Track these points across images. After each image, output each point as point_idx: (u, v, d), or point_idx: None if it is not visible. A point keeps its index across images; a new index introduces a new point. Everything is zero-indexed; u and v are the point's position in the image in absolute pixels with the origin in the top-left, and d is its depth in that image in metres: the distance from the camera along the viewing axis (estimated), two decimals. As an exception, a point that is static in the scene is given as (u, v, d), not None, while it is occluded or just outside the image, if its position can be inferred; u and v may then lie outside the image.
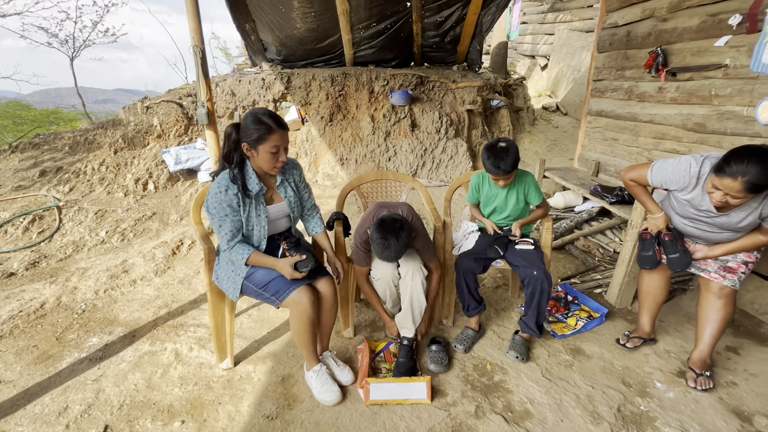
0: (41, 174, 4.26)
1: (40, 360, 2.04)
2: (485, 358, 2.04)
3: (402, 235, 1.68)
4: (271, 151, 1.60)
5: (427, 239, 1.96)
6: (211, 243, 1.85)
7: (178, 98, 4.97)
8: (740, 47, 2.42)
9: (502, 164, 1.89)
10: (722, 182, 1.49)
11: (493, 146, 1.93)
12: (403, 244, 1.69)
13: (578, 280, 2.77)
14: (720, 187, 1.51)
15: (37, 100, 18.62)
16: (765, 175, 1.41)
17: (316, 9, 4.53)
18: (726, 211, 1.66)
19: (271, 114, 1.62)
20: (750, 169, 1.42)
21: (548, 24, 8.19)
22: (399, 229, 1.69)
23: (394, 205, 1.96)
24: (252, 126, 1.58)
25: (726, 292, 1.81)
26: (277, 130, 1.60)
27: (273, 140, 1.59)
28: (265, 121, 1.59)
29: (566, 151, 5.59)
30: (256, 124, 1.58)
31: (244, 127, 1.60)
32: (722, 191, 1.51)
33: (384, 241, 1.68)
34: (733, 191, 1.48)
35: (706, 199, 1.66)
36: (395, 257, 1.74)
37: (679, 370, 1.96)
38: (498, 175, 1.94)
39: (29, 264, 3.02)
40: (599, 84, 3.79)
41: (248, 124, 1.59)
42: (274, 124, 1.59)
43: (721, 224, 1.71)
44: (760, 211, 1.62)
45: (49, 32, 8.20)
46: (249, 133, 1.59)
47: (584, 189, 3.39)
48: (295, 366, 1.97)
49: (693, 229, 1.83)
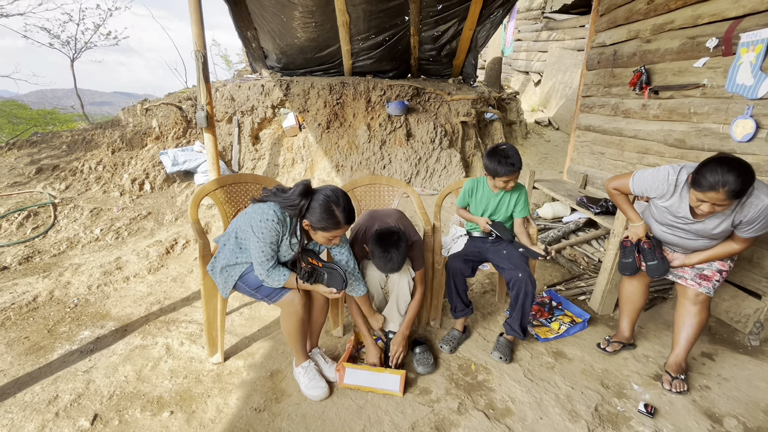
0: (38, 171, 4.29)
1: (31, 351, 2.06)
2: (470, 358, 2.10)
3: (401, 246, 1.75)
4: (329, 238, 1.60)
5: (421, 248, 2.02)
6: (206, 238, 1.90)
7: (177, 101, 5.04)
8: (717, 68, 2.56)
9: (514, 161, 1.96)
10: (707, 195, 1.58)
11: (498, 149, 2.00)
12: (403, 255, 1.76)
13: (563, 287, 2.85)
14: (705, 199, 1.60)
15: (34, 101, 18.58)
16: (742, 181, 1.54)
17: (317, 20, 4.66)
18: (702, 218, 1.76)
19: (345, 206, 1.56)
20: (728, 178, 1.53)
21: (542, 42, 8.44)
22: (398, 240, 1.75)
23: (385, 213, 2.03)
24: (322, 214, 1.53)
25: (701, 299, 1.89)
26: (344, 226, 1.57)
27: (336, 233, 1.58)
28: (336, 215, 1.54)
29: (556, 164, 5.73)
30: (326, 215, 1.53)
31: (314, 209, 1.54)
32: (709, 203, 1.60)
33: (386, 254, 1.73)
34: (719, 201, 1.57)
35: (683, 206, 1.76)
36: (398, 268, 1.78)
37: (656, 373, 2.03)
38: (511, 173, 1.98)
39: (22, 258, 3.03)
40: (588, 100, 3.93)
41: (318, 210, 1.53)
42: (343, 220, 1.55)
43: (697, 231, 1.81)
44: (732, 218, 1.71)
45: (51, 33, 8.27)
46: (315, 218, 1.54)
47: (572, 200, 3.50)
48: (284, 362, 2.02)
49: (671, 236, 1.93)
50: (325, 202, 1.53)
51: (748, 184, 1.55)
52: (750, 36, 2.30)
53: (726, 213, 1.70)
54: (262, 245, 1.59)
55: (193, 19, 3.24)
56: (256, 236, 1.58)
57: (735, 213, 1.69)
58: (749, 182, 1.56)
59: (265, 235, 1.57)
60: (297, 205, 1.54)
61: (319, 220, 1.54)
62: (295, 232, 1.63)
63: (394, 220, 1.97)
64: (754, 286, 2.32)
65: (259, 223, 1.56)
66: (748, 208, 1.65)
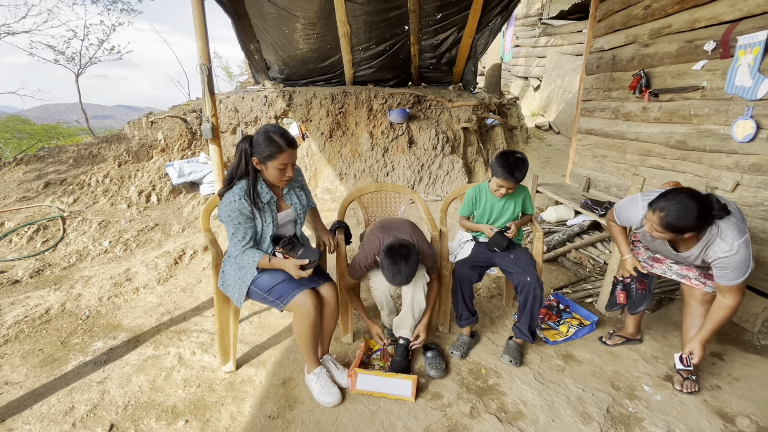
0: (45, 186, 4.34)
1: (45, 363, 2.08)
2: (480, 362, 2.11)
3: (411, 259, 1.78)
4: (279, 167, 1.70)
5: (432, 253, 2.05)
6: (219, 248, 1.94)
7: (182, 114, 5.12)
8: (715, 71, 2.60)
9: (517, 173, 1.99)
10: (648, 215, 1.58)
11: (510, 155, 2.03)
12: (412, 268, 1.79)
13: (570, 290, 2.86)
14: (648, 219, 1.60)
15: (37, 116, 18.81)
16: (680, 218, 1.48)
17: (318, 31, 4.75)
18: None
19: (282, 132, 1.70)
20: (671, 207, 1.49)
21: (540, 47, 8.53)
22: (408, 254, 1.78)
23: (396, 224, 2.06)
24: (263, 143, 1.67)
25: (708, 298, 1.91)
26: (287, 150, 1.68)
27: (282, 158, 1.68)
28: (276, 140, 1.67)
29: (558, 167, 5.76)
30: (267, 142, 1.67)
31: (256, 142, 1.69)
32: (650, 224, 1.59)
33: (395, 267, 1.76)
34: (654, 224, 1.55)
35: None
36: (407, 281, 1.82)
37: (666, 374, 2.03)
38: (510, 182, 2.03)
39: (33, 272, 3.07)
40: (588, 104, 3.98)
41: (260, 140, 1.68)
42: (284, 144, 1.67)
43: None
44: (702, 255, 1.67)
45: (56, 50, 8.42)
46: (260, 150, 1.67)
47: (575, 203, 3.52)
48: (296, 369, 2.03)
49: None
50: (264, 132, 1.69)
51: (686, 223, 1.49)
52: (747, 39, 2.34)
53: (699, 247, 1.67)
54: (232, 228, 1.72)
55: (198, 33, 3.31)
56: (226, 223, 1.72)
57: (704, 251, 1.66)
58: (690, 223, 1.49)
59: (231, 216, 1.69)
60: (242, 149, 1.70)
61: (263, 149, 1.67)
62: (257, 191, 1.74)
63: (406, 232, 2.00)
64: (761, 285, 2.33)
65: (224, 209, 1.70)
66: (713, 250, 1.61)
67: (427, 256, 2.00)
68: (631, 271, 2.01)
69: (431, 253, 2.03)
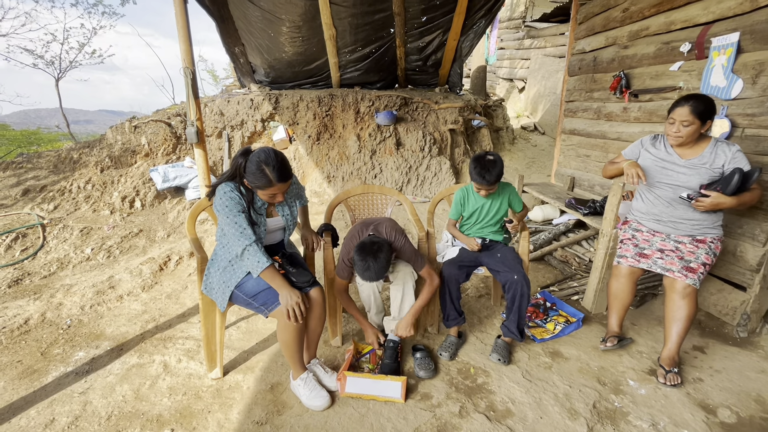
0: (24, 192, 4.23)
1: (24, 375, 2.02)
2: (469, 362, 2.12)
3: (380, 256, 1.80)
4: (268, 195, 1.71)
5: (412, 250, 2.05)
6: (204, 253, 1.91)
7: (166, 118, 5.04)
8: (692, 71, 2.68)
9: (487, 176, 2.03)
10: (675, 113, 1.95)
11: (482, 158, 2.06)
12: (381, 265, 1.81)
13: (557, 288, 2.90)
14: (675, 117, 1.94)
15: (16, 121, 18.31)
16: (704, 100, 1.90)
17: (303, 34, 4.74)
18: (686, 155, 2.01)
19: (275, 165, 1.64)
20: (693, 98, 1.91)
21: (524, 50, 8.66)
22: (377, 251, 1.81)
23: (377, 221, 2.06)
24: (255, 173, 1.64)
25: (688, 291, 1.96)
26: (276, 184, 1.66)
27: (271, 191, 1.69)
28: (267, 174, 1.63)
29: (544, 168, 5.85)
30: (259, 173, 1.63)
31: (248, 170, 1.66)
32: (677, 121, 1.94)
33: (364, 263, 1.80)
34: (683, 116, 1.91)
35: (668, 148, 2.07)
36: (376, 277, 1.86)
37: (651, 368, 2.07)
38: (482, 185, 2.07)
39: (12, 281, 2.98)
40: (571, 105, 4.05)
41: (252, 170, 1.64)
42: (274, 179, 1.64)
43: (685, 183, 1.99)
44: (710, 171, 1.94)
45: (34, 54, 8.22)
46: (251, 179, 1.66)
47: (560, 203, 3.58)
48: (284, 374, 2.01)
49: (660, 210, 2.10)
50: (257, 163, 1.63)
51: (708, 105, 1.89)
52: (720, 40, 2.41)
53: (704, 165, 1.96)
54: (231, 218, 1.66)
55: (181, 36, 3.27)
56: (223, 213, 1.67)
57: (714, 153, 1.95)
58: (710, 105, 1.89)
59: (229, 207, 1.66)
60: (237, 164, 1.69)
61: (253, 180, 1.66)
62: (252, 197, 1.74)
63: (385, 227, 2.01)
64: (738, 279, 2.40)
65: (220, 201, 1.68)
66: (722, 149, 1.94)
67: (405, 252, 2.00)
68: (635, 175, 2.01)
69: (411, 250, 2.02)
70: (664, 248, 2.08)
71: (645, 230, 2.18)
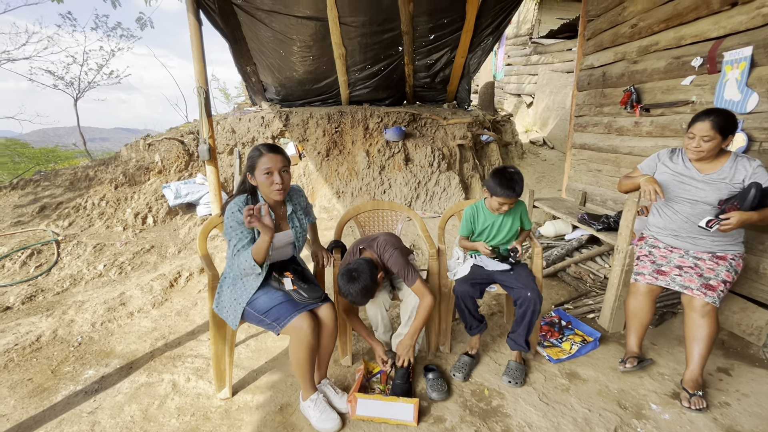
0: (40, 209, 4.32)
1: (34, 393, 2.02)
2: (483, 383, 2.06)
3: (359, 281, 1.80)
4: (265, 173, 1.73)
5: (401, 264, 1.95)
6: (215, 270, 1.91)
7: (179, 136, 5.15)
8: (704, 85, 2.65)
9: (517, 187, 1.99)
10: (695, 128, 1.89)
11: (504, 171, 2.02)
12: (362, 288, 1.80)
13: (571, 306, 2.82)
14: (695, 132, 1.89)
15: (36, 139, 18.92)
16: (726, 115, 1.85)
17: (314, 53, 4.84)
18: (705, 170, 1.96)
19: (267, 144, 1.80)
20: (714, 112, 1.87)
21: (531, 65, 8.72)
22: (357, 277, 1.81)
23: (372, 237, 2.06)
24: (251, 154, 1.77)
25: (708, 310, 1.89)
26: (266, 154, 1.74)
27: (263, 162, 1.73)
28: (258, 147, 1.77)
29: (554, 182, 5.80)
30: (253, 152, 1.77)
31: (247, 159, 1.78)
32: (697, 136, 1.88)
33: (344, 288, 1.82)
34: (704, 131, 1.86)
35: (686, 162, 2.02)
36: (360, 302, 1.87)
37: (674, 391, 1.99)
38: (510, 197, 2.01)
39: (26, 298, 3.01)
40: (581, 119, 4.03)
41: (248, 155, 1.78)
42: (264, 149, 1.76)
43: (703, 198, 1.94)
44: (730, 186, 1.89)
45: (55, 75, 8.53)
46: (248, 163, 1.78)
47: (573, 218, 3.52)
48: (293, 395, 1.97)
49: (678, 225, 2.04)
50: (252, 149, 1.79)
51: (730, 121, 1.84)
52: (733, 54, 2.40)
53: (724, 180, 1.91)
54: (236, 238, 1.74)
55: (196, 57, 3.36)
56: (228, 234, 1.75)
57: (734, 167, 1.90)
58: (732, 120, 1.85)
59: (233, 227, 1.73)
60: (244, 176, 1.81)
61: (248, 162, 1.76)
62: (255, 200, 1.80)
63: (378, 243, 2.01)
64: (762, 297, 2.31)
65: (227, 220, 1.75)
66: (742, 164, 1.89)
67: (391, 264, 1.96)
68: (652, 192, 1.93)
69: (397, 261, 1.94)
70: (683, 265, 2.02)
71: (662, 246, 2.13)
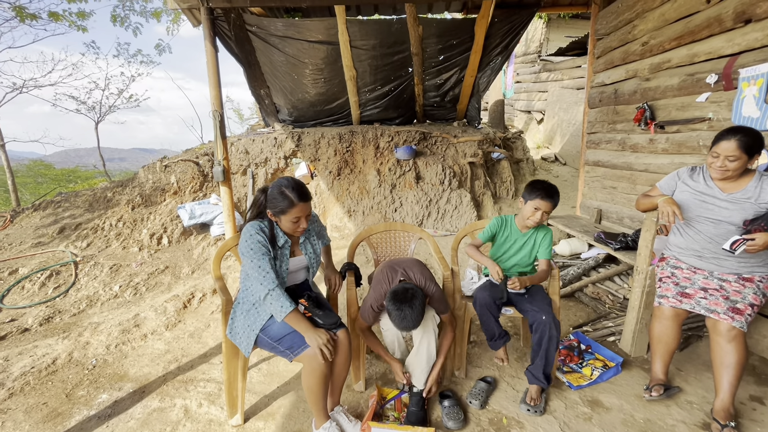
0: (60, 230, 4.43)
1: (48, 418, 2.02)
2: (500, 411, 1.99)
3: (416, 303, 1.75)
4: (293, 220, 1.74)
5: (442, 297, 1.98)
6: (229, 294, 1.91)
7: (195, 157, 5.27)
8: (720, 102, 2.61)
9: (555, 195, 2.03)
10: (719, 147, 1.82)
11: (544, 181, 2.07)
12: (418, 312, 1.75)
13: (590, 328, 2.74)
14: (719, 151, 1.82)
15: (58, 160, 19.68)
16: (752, 134, 1.77)
17: (326, 76, 4.95)
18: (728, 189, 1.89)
19: (295, 186, 1.73)
20: (740, 131, 1.79)
21: (541, 82, 8.76)
22: (412, 298, 1.75)
23: (404, 263, 2.01)
24: (277, 197, 1.72)
25: (734, 334, 1.80)
26: (298, 204, 1.71)
27: (294, 212, 1.72)
28: (287, 194, 1.70)
29: (568, 199, 5.72)
30: (280, 197, 1.71)
31: (270, 197, 1.75)
32: (721, 155, 1.81)
33: (400, 313, 1.74)
34: (730, 151, 1.78)
35: (708, 181, 1.95)
36: (413, 326, 1.78)
37: (704, 422, 1.89)
38: (548, 202, 2.02)
39: (43, 319, 3.05)
40: (593, 136, 4.00)
41: (274, 194, 1.73)
42: (296, 198, 1.70)
43: (727, 218, 1.86)
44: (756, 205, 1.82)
45: (78, 100, 8.88)
46: (273, 204, 1.74)
47: (588, 236, 3.46)
48: (306, 422, 1.93)
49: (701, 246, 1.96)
50: (278, 188, 1.72)
51: (757, 140, 1.76)
52: (749, 71, 2.36)
53: (749, 200, 1.83)
54: (255, 261, 1.67)
55: (211, 82, 3.47)
56: (247, 256, 1.69)
57: (758, 197, 1.81)
58: (759, 140, 1.77)
59: (254, 249, 1.68)
60: (259, 201, 1.79)
61: (275, 204, 1.72)
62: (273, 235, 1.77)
63: (414, 273, 1.95)
64: (794, 320, 2.21)
65: (245, 243, 1.70)
66: (767, 191, 1.81)
67: (435, 298, 1.94)
68: (670, 213, 1.87)
69: (440, 296, 1.97)
70: (708, 287, 1.95)
71: (685, 267, 2.06)
